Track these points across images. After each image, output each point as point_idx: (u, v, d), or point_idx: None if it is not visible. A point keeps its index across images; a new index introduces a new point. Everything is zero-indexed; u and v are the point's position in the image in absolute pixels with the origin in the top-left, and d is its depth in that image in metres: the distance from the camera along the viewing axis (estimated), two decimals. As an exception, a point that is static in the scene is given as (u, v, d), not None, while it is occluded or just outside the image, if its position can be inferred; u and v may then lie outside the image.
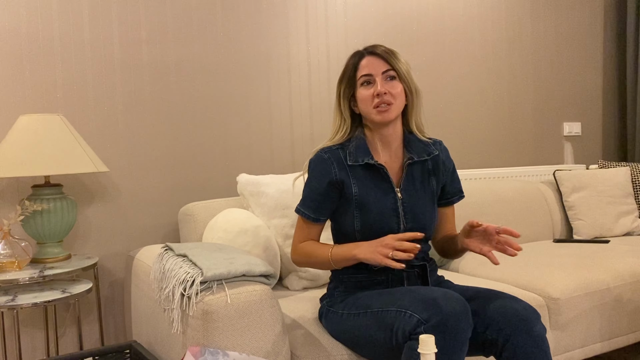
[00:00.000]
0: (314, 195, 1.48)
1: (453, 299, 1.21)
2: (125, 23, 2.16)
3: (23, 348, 2.00)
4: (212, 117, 2.34)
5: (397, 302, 1.28)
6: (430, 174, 1.53)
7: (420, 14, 2.89)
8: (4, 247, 1.78)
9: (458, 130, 3.04)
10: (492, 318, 1.30)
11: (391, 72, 1.44)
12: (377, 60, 1.45)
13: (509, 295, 1.37)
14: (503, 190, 2.71)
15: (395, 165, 1.52)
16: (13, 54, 1.98)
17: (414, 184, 1.50)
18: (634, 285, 2.05)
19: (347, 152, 1.48)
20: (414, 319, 1.19)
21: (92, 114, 2.12)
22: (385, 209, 1.45)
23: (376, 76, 1.44)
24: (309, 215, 1.49)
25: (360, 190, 1.46)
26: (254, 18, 2.43)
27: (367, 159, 1.46)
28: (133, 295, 1.85)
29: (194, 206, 2.05)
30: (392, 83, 1.44)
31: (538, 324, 1.29)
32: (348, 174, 1.46)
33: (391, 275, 1.47)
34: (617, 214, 2.72)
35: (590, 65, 3.57)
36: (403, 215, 1.46)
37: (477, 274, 2.16)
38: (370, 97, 1.44)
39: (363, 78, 1.46)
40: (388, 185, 1.47)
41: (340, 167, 1.47)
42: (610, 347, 2.01)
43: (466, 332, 1.19)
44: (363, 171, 1.48)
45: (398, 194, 1.47)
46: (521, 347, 1.25)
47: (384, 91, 1.42)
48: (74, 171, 1.79)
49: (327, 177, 1.46)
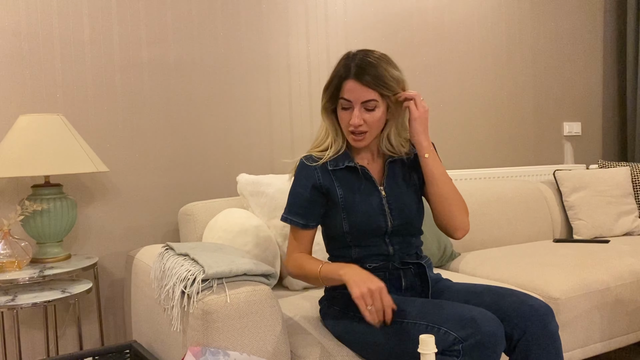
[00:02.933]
0: (300, 201, 1.47)
1: (490, 319, 1.21)
2: (125, 23, 2.16)
3: (23, 348, 2.00)
4: (212, 117, 2.34)
5: (427, 317, 1.25)
6: (411, 170, 1.53)
7: (420, 14, 2.89)
8: (3, 247, 1.78)
9: (458, 130, 3.04)
10: (507, 314, 1.31)
11: (372, 102, 1.39)
12: (360, 89, 1.38)
13: (521, 292, 1.38)
14: (503, 190, 2.71)
15: (377, 165, 1.53)
16: (13, 54, 1.98)
17: (396, 180, 1.50)
18: (634, 285, 2.05)
19: (328, 159, 1.48)
20: (450, 336, 1.18)
21: (92, 114, 2.12)
22: (371, 208, 1.45)
23: (355, 104, 1.40)
24: (297, 222, 1.47)
25: (345, 192, 1.46)
26: (254, 18, 2.43)
27: (347, 162, 1.47)
28: (133, 295, 1.85)
29: (194, 206, 2.05)
30: (371, 113, 1.40)
31: (553, 321, 1.31)
32: (331, 178, 1.47)
33: (388, 274, 1.48)
34: (617, 213, 2.72)
35: (590, 65, 3.57)
36: (389, 212, 1.46)
37: (477, 274, 2.16)
38: (346, 122, 1.43)
39: (342, 101, 1.42)
40: (371, 185, 1.48)
41: (324, 172, 1.47)
42: (610, 347, 2.01)
43: (500, 352, 1.20)
44: (345, 174, 1.48)
45: (382, 192, 1.48)
46: (536, 343, 1.26)
47: (359, 123, 1.40)
48: (74, 171, 1.79)
49: (310, 181, 1.46)
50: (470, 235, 2.52)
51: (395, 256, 1.48)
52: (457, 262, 2.31)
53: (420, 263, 1.49)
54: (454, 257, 2.35)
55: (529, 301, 1.32)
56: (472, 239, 2.52)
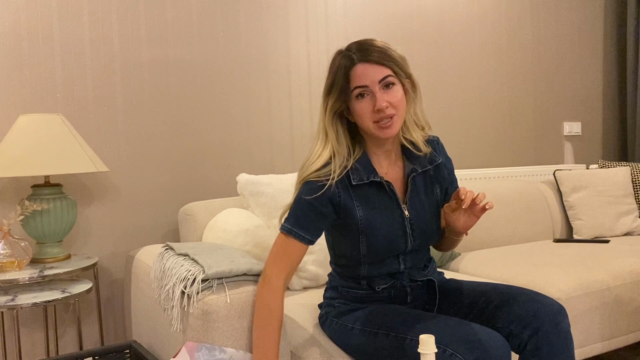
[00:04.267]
0: (311, 213, 1.29)
1: (498, 342, 1.15)
2: (125, 23, 2.16)
3: (23, 348, 2.00)
4: (212, 117, 2.34)
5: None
6: (434, 182, 1.42)
7: (420, 14, 2.89)
8: (3, 247, 1.78)
9: (458, 130, 3.04)
10: (518, 313, 1.26)
11: (389, 78, 1.27)
12: (372, 68, 1.25)
13: (531, 290, 1.34)
14: (503, 190, 2.71)
15: (397, 176, 1.39)
16: (13, 53, 1.98)
17: (419, 196, 1.39)
18: (634, 285, 2.05)
19: (350, 170, 1.31)
20: (457, 359, 1.11)
21: (92, 114, 2.12)
22: (392, 230, 1.34)
23: (373, 87, 1.26)
24: (303, 237, 1.28)
25: (365, 213, 1.32)
26: (253, 18, 2.43)
27: (372, 177, 1.33)
28: (133, 295, 1.85)
29: (194, 206, 2.05)
30: (392, 91, 1.27)
31: (565, 319, 1.26)
32: (351, 196, 1.32)
33: (394, 291, 1.41)
34: (617, 213, 2.72)
35: (590, 65, 3.57)
36: (411, 233, 1.36)
37: (477, 274, 2.16)
38: (369, 111, 1.27)
39: (358, 90, 1.27)
40: (394, 203, 1.35)
41: (343, 187, 1.31)
42: (610, 347, 2.01)
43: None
44: (367, 190, 1.34)
45: (405, 211, 1.35)
46: (548, 342, 1.22)
47: (385, 105, 1.25)
48: (74, 171, 1.79)
49: (327, 194, 1.29)
50: (470, 235, 2.52)
51: (405, 274, 1.40)
52: (457, 262, 2.31)
53: (430, 279, 1.42)
54: (454, 257, 2.35)
55: (541, 299, 1.27)
56: (472, 239, 2.52)
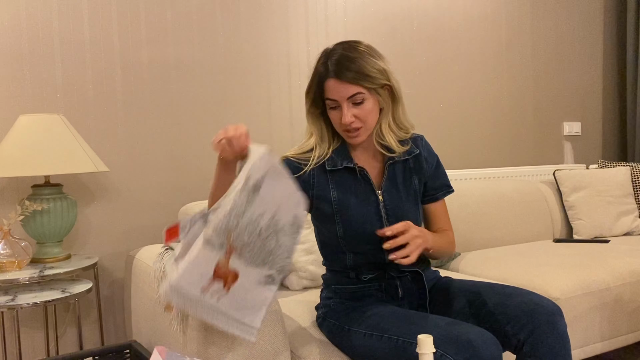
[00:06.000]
0: None
1: (489, 341, 1.15)
2: (125, 23, 2.17)
3: (23, 348, 2.00)
4: (212, 117, 2.34)
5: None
6: (412, 172, 1.46)
7: (420, 14, 2.89)
8: (3, 247, 1.78)
9: (458, 130, 3.04)
10: (514, 314, 1.26)
11: (358, 96, 1.32)
12: (343, 86, 1.31)
13: (527, 290, 1.34)
14: (503, 190, 2.71)
15: (376, 165, 1.45)
16: (13, 53, 1.98)
17: (395, 184, 1.43)
18: (634, 285, 2.05)
19: (327, 159, 1.41)
20: (447, 359, 1.11)
21: (92, 114, 2.12)
22: (367, 212, 1.39)
23: (342, 102, 1.33)
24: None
25: (339, 195, 1.40)
26: (253, 18, 2.43)
27: (346, 162, 1.41)
28: (133, 295, 1.85)
29: (194, 206, 2.04)
30: (362, 105, 1.33)
31: (562, 320, 1.26)
32: (327, 179, 1.41)
33: (384, 284, 1.43)
34: (617, 213, 2.72)
35: (590, 65, 3.57)
36: (386, 218, 1.40)
37: (477, 274, 2.16)
38: (338, 121, 1.36)
39: (329, 102, 1.36)
40: (369, 188, 1.41)
41: (320, 172, 1.41)
42: (610, 347, 2.01)
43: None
44: (342, 175, 1.41)
45: (379, 196, 1.41)
46: (544, 342, 1.22)
47: (351, 120, 1.33)
48: (74, 171, 1.79)
49: (301, 179, 1.38)
50: (470, 235, 2.52)
51: (392, 264, 1.40)
52: (457, 262, 2.31)
53: (417, 270, 1.44)
54: (454, 257, 2.35)
55: (537, 300, 1.28)
56: (472, 239, 2.53)
